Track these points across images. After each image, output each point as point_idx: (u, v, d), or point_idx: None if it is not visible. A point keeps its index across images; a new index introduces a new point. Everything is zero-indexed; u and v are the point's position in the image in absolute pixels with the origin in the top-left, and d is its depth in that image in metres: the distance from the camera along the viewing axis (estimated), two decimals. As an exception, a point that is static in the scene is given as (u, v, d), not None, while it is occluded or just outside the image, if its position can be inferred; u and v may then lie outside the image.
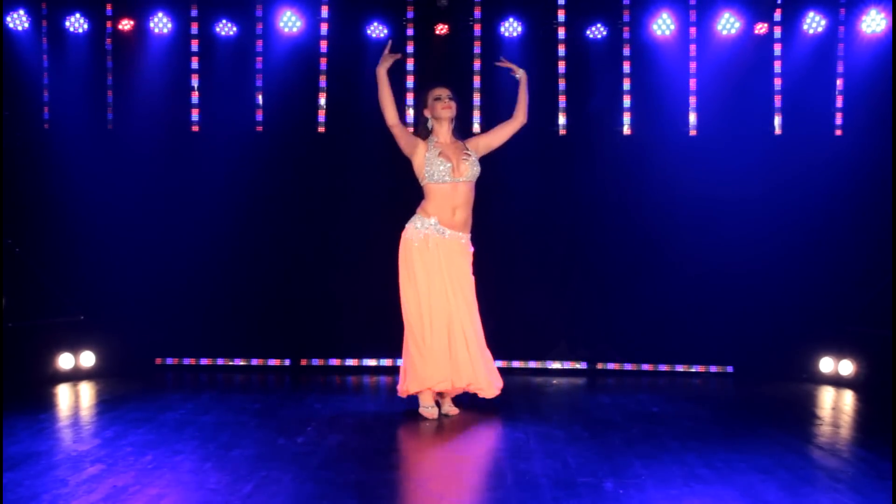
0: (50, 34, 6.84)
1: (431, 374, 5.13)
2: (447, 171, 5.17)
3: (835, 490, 3.81)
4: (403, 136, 5.27)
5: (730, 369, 6.88)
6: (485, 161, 5.34)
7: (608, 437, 4.79)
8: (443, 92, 5.28)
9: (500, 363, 6.95)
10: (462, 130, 5.44)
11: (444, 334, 5.15)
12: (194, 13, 6.91)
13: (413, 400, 5.36)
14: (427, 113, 5.30)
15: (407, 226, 5.29)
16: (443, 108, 5.24)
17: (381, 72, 5.18)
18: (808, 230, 6.74)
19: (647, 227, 6.92)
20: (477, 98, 6.94)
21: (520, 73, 5.37)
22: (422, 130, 5.32)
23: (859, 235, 6.64)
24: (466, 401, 5.43)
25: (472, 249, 5.35)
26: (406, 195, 7.02)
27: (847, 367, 6.40)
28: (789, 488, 3.82)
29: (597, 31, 6.93)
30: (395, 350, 6.97)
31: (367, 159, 7.02)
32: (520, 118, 5.37)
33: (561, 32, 6.93)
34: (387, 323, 7.01)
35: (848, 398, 6.01)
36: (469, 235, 5.32)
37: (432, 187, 5.22)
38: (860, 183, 6.64)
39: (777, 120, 6.86)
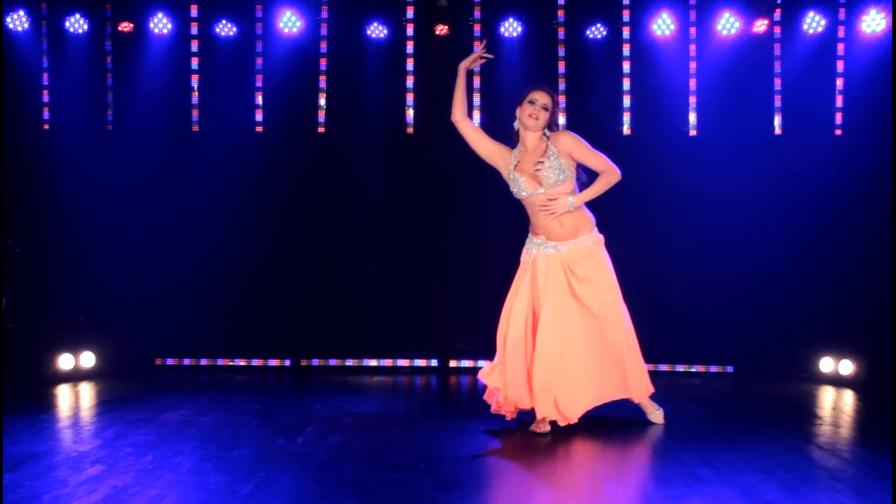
0: (50, 35, 6.84)
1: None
2: (523, 185, 4.82)
3: (835, 490, 3.81)
4: (475, 139, 4.94)
5: (730, 369, 6.88)
6: (482, 162, 5.11)
7: (608, 436, 4.79)
8: (538, 97, 4.80)
9: (501, 363, 6.97)
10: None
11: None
12: (194, 14, 6.90)
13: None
14: (518, 112, 4.88)
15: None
16: (528, 116, 4.80)
17: (462, 68, 4.93)
18: (808, 230, 6.74)
19: (646, 227, 6.91)
20: (477, 98, 6.94)
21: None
22: (514, 135, 4.97)
23: (859, 235, 6.64)
24: (455, 400, 5.43)
25: (599, 239, 4.97)
26: (405, 196, 7.07)
27: (847, 367, 6.40)
28: (789, 488, 3.82)
29: (597, 31, 6.93)
30: (395, 350, 7.04)
31: (367, 159, 7.03)
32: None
33: (561, 32, 6.93)
34: (387, 323, 7.04)
35: (848, 398, 6.01)
36: (590, 233, 4.95)
37: (525, 203, 4.90)
38: (860, 183, 6.63)
39: (777, 120, 6.85)
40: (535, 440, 4.71)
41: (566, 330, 4.84)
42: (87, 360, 6.53)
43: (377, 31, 6.96)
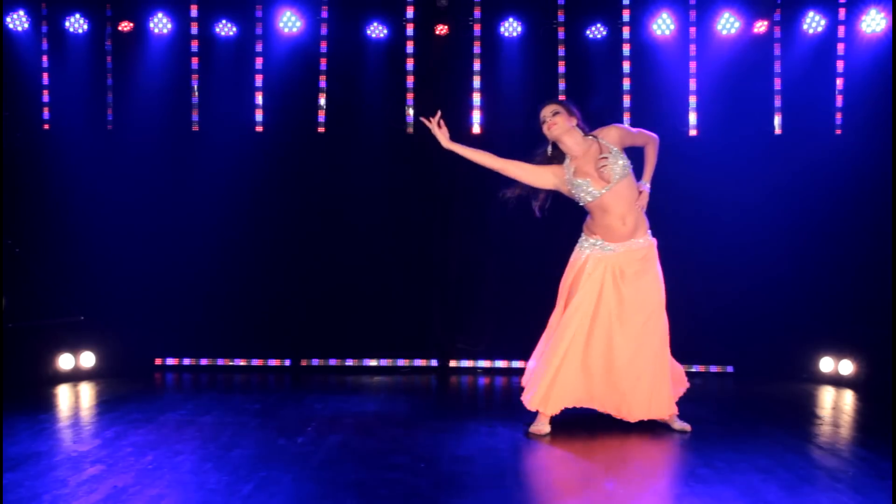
0: (50, 35, 6.85)
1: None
2: (589, 186, 4.81)
3: (835, 490, 3.81)
4: (529, 175, 4.92)
5: (730, 369, 6.88)
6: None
7: (608, 436, 4.79)
8: (543, 114, 4.87)
9: (502, 363, 6.99)
10: (588, 122, 4.95)
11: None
12: (194, 13, 6.91)
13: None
14: (546, 136, 4.90)
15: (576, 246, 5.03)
16: (549, 129, 4.84)
17: (447, 146, 4.85)
18: (808, 229, 6.74)
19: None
20: (477, 98, 6.94)
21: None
22: (553, 154, 4.94)
23: (859, 235, 6.64)
24: (455, 400, 5.44)
25: (653, 241, 4.98)
26: (405, 196, 7.07)
27: (847, 367, 6.40)
28: (789, 488, 3.82)
29: (597, 31, 6.93)
30: (395, 350, 7.04)
31: (366, 159, 7.03)
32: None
33: (561, 32, 6.93)
34: (387, 323, 7.04)
35: (848, 398, 6.01)
36: (646, 235, 4.96)
37: (590, 206, 4.89)
38: (860, 182, 6.64)
39: (777, 119, 6.86)
40: (535, 440, 4.71)
41: (585, 327, 4.82)
42: (87, 360, 6.54)
43: (377, 31, 6.96)
